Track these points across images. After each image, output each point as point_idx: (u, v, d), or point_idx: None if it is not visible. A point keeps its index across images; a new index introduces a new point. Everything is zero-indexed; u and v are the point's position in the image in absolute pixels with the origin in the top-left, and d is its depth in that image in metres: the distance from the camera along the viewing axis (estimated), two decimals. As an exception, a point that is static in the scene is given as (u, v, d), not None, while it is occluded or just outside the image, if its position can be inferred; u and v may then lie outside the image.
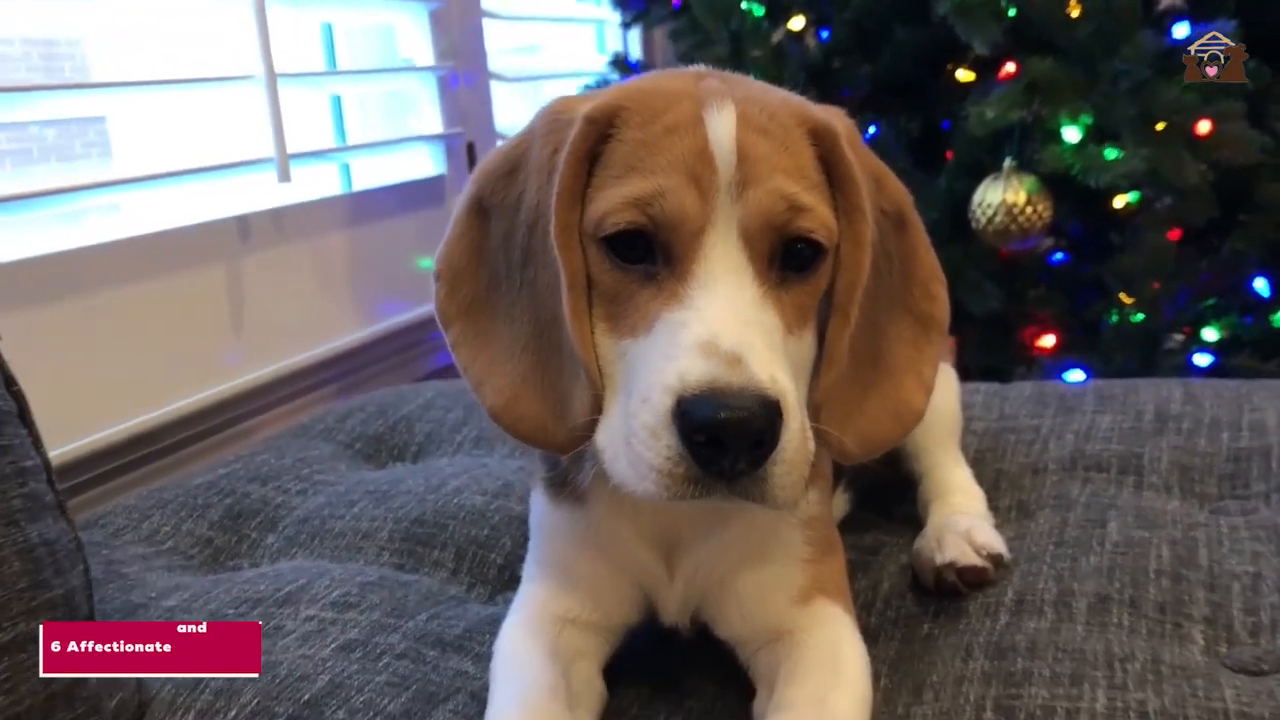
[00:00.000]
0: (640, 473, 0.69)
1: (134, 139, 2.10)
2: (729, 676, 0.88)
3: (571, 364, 0.75)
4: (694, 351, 0.68)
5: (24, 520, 0.84)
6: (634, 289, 0.74)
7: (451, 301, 0.82)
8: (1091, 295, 2.07)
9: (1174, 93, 1.85)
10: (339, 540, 1.21)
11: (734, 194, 0.72)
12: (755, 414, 0.66)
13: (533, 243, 0.77)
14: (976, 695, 0.83)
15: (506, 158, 0.82)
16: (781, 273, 0.75)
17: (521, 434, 0.79)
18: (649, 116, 0.76)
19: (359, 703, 0.88)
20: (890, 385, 0.82)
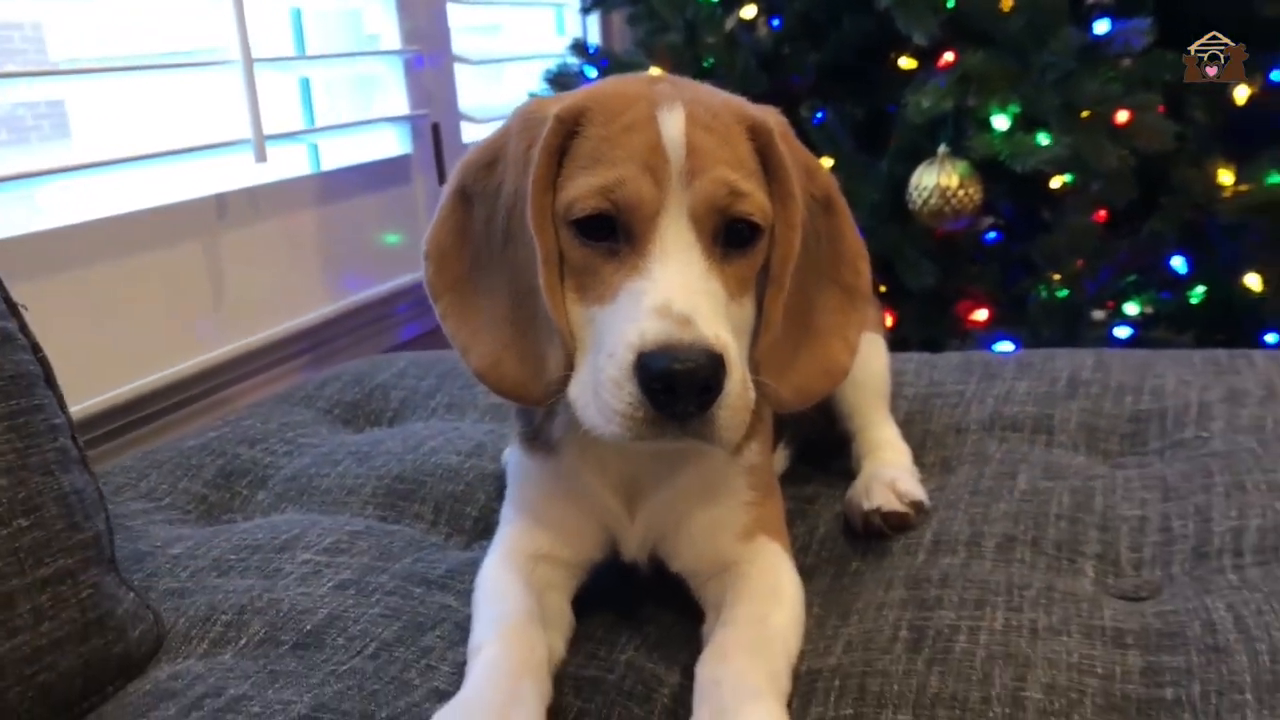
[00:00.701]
0: (607, 417, 0.81)
1: (93, 122, 2.16)
2: (682, 606, 1.00)
3: (547, 330, 0.87)
4: (651, 314, 0.80)
5: (57, 471, 0.95)
6: (600, 264, 0.85)
7: (439, 278, 0.93)
8: (1021, 272, 2.22)
9: (1096, 84, 1.99)
10: (326, 496, 1.32)
11: (684, 182, 0.84)
12: (703, 365, 0.78)
13: (511, 225, 0.89)
14: (894, 618, 0.96)
15: (486, 151, 0.93)
16: (725, 249, 0.87)
17: (504, 391, 0.90)
18: (610, 116, 0.87)
19: (356, 630, 0.99)
20: (820, 346, 0.95)
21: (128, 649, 0.96)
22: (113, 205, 1.85)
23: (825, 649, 0.93)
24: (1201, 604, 0.95)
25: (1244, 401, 1.36)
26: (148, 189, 1.93)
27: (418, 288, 2.71)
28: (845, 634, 0.95)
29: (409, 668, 0.94)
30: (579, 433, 0.93)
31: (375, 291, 2.48)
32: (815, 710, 0.86)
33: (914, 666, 0.88)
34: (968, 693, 0.85)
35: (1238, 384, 1.41)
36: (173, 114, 2.13)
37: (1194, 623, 0.92)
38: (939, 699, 0.84)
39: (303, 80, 2.39)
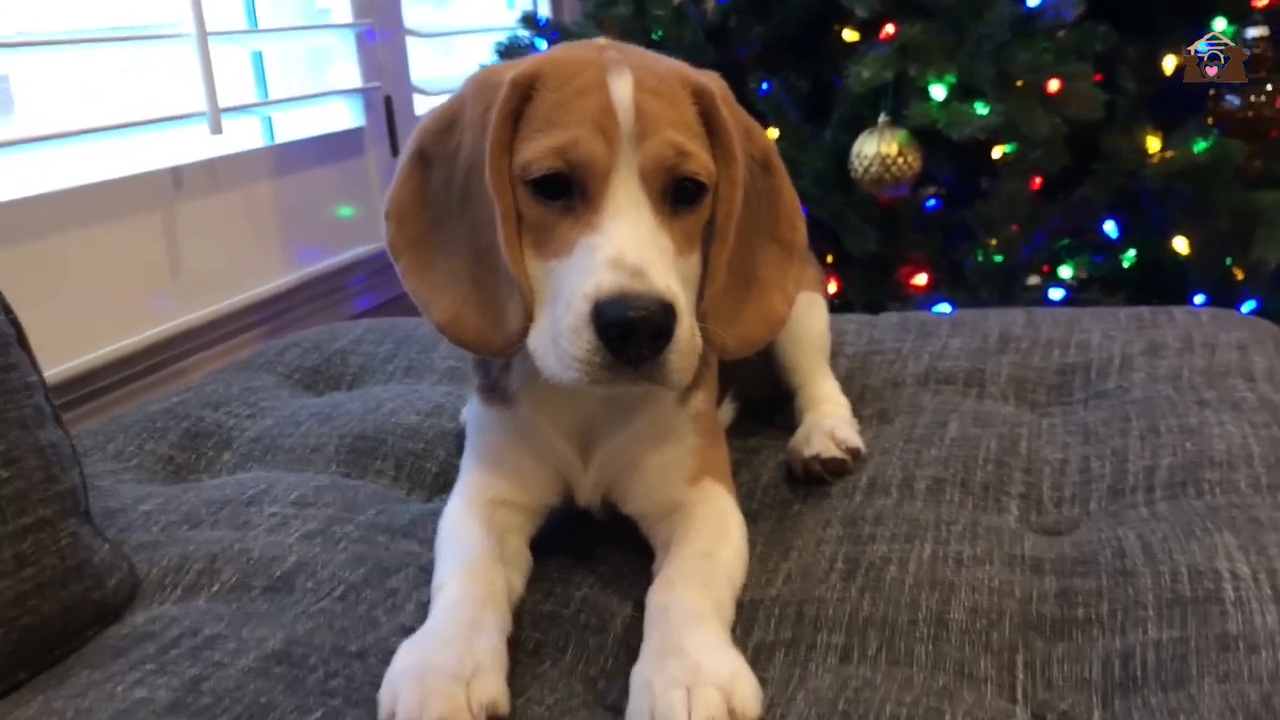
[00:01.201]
0: (566, 364, 0.87)
1: (39, 95, 2.17)
2: (632, 547, 1.06)
3: (506, 284, 0.92)
4: (606, 266, 0.85)
5: (33, 426, 0.99)
6: (555, 220, 0.91)
7: (400, 237, 0.98)
8: (960, 238, 2.30)
9: (1030, 54, 2.07)
10: (290, 454, 1.37)
11: (634, 143, 0.89)
12: (655, 312, 0.84)
13: (470, 186, 0.94)
14: (830, 552, 1.03)
15: (443, 116, 0.98)
16: (673, 206, 0.93)
17: (465, 343, 0.96)
18: (562, 81, 0.92)
19: (324, 575, 1.04)
20: (761, 297, 1.01)
21: (105, 596, 1.00)
22: (65, 178, 1.87)
23: (766, 581, 1.00)
24: (1114, 534, 1.02)
25: (1163, 354, 1.44)
26: (101, 162, 1.96)
27: (372, 259, 2.76)
28: (785, 568, 1.02)
29: (376, 607, 0.99)
30: (535, 384, 0.99)
31: (330, 263, 2.52)
32: (757, 634, 0.93)
33: (848, 594, 0.95)
34: (897, 615, 0.92)
35: (1158, 338, 1.49)
36: (126, 88, 2.15)
37: (1105, 550, 1.00)
38: (870, 621, 0.91)
39: (255, 54, 2.41)
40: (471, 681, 0.80)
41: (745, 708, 0.78)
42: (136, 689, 0.86)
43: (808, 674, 0.87)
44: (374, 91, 2.62)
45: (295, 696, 0.85)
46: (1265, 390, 1.30)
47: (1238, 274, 2.24)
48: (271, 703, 0.84)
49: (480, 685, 0.80)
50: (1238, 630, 0.84)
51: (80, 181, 1.87)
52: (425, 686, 0.79)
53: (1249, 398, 1.27)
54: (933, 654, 0.88)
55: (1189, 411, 1.25)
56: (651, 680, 0.81)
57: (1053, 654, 0.89)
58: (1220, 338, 1.47)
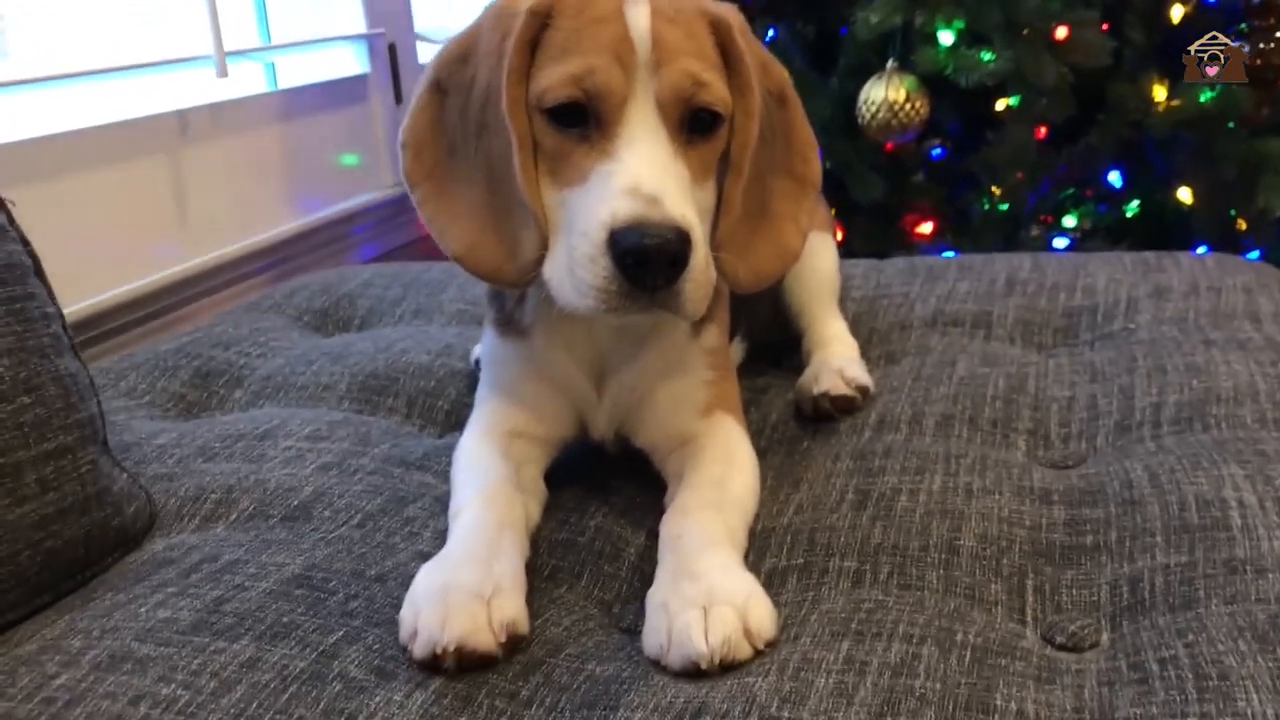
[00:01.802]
0: (582, 292, 0.87)
1: (43, 37, 2.15)
2: (645, 480, 1.08)
3: (521, 213, 0.92)
4: (622, 194, 0.85)
5: (53, 355, 0.99)
6: (571, 148, 0.91)
7: (417, 166, 0.98)
8: (965, 187, 2.30)
9: (1037, 1, 2.06)
10: (302, 392, 1.38)
11: (650, 72, 0.89)
12: (671, 240, 0.84)
13: (486, 115, 0.94)
14: (841, 484, 1.04)
15: (460, 46, 0.98)
16: (688, 135, 0.92)
17: (481, 272, 0.96)
18: (579, 10, 0.92)
19: (341, 504, 1.06)
20: (774, 230, 1.01)
21: (124, 523, 1.02)
22: (72, 120, 1.86)
23: (778, 511, 1.02)
24: (1121, 467, 1.04)
25: (1169, 296, 1.45)
26: (108, 104, 1.95)
27: (377, 207, 2.75)
28: (796, 499, 1.04)
29: (393, 534, 1.01)
30: (550, 316, 1.00)
31: (334, 210, 2.51)
32: (770, 561, 0.94)
33: (859, 522, 0.97)
34: (908, 542, 0.93)
35: (1164, 281, 1.50)
36: (132, 30, 2.13)
37: (1113, 482, 1.01)
38: (881, 548, 0.93)
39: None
40: (492, 601, 0.81)
41: (760, 626, 0.80)
42: (160, 610, 0.88)
43: (821, 597, 0.88)
44: (378, 38, 2.61)
45: (317, 617, 0.86)
46: (1271, 330, 1.31)
47: (1241, 224, 2.24)
48: (294, 622, 0.85)
49: (500, 604, 0.81)
50: (1245, 555, 0.86)
51: (87, 123, 1.86)
52: (447, 605, 0.80)
53: (1255, 338, 1.28)
54: (944, 578, 0.89)
55: (1195, 351, 1.26)
56: (667, 601, 0.82)
57: (1061, 579, 0.90)
58: (1226, 281, 1.48)
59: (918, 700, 0.73)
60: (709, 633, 0.78)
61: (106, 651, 0.82)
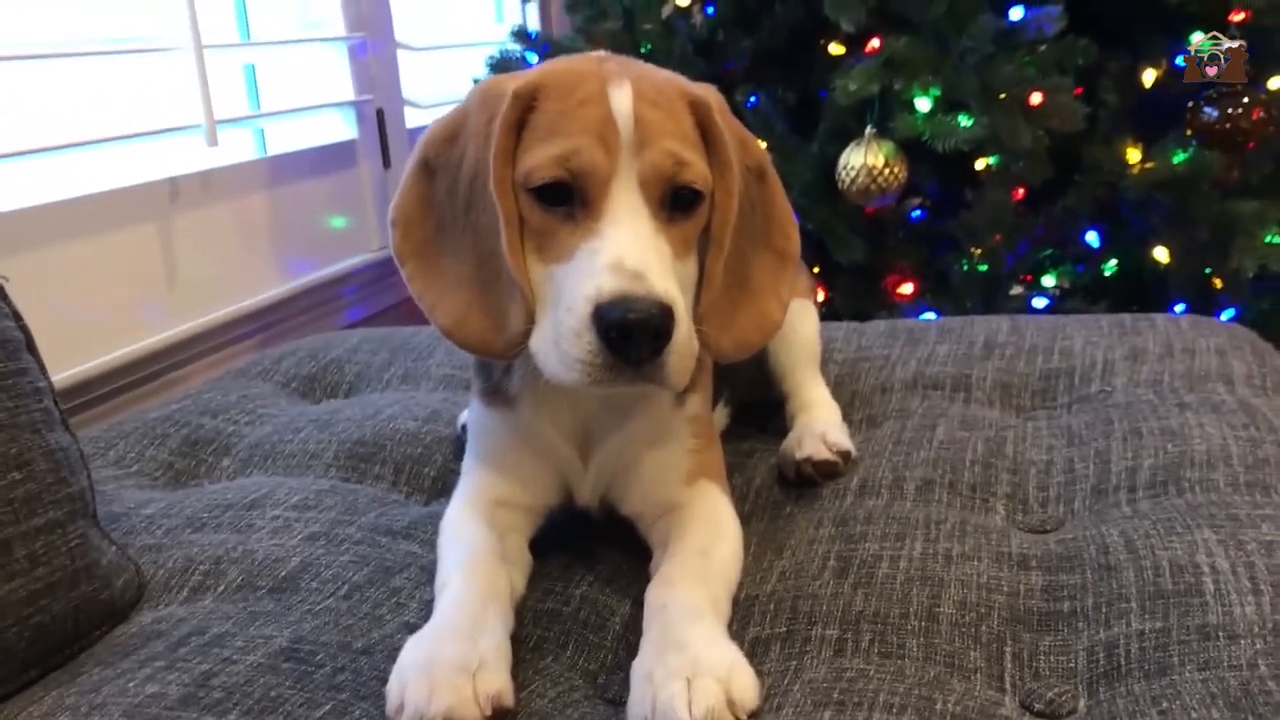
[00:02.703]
0: (568, 365, 0.89)
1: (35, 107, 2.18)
2: (630, 548, 1.09)
3: (509, 288, 0.95)
4: (606, 270, 0.88)
5: (44, 429, 1.01)
6: (557, 226, 0.93)
7: (406, 243, 1.00)
8: (945, 248, 2.33)
9: (1012, 68, 2.11)
10: (290, 460, 1.39)
11: (633, 152, 0.92)
12: (654, 315, 0.86)
13: (474, 194, 0.96)
14: (823, 551, 1.06)
15: (448, 126, 1.01)
16: (670, 213, 0.95)
17: (469, 346, 0.98)
18: (564, 92, 0.95)
19: (328, 575, 1.07)
20: (755, 302, 1.04)
21: (113, 596, 1.02)
22: (64, 189, 1.89)
23: (761, 579, 1.03)
24: (1098, 531, 1.05)
25: (1144, 359, 1.48)
26: (99, 173, 1.97)
27: (365, 270, 2.78)
28: (779, 566, 1.05)
29: (380, 605, 1.02)
30: (536, 386, 1.02)
31: (323, 274, 2.54)
32: (753, 630, 0.95)
33: (840, 589, 0.98)
34: (889, 610, 0.94)
35: (1139, 343, 1.53)
36: (122, 100, 2.16)
37: (1090, 547, 1.03)
38: (863, 616, 0.94)
39: (248, 66, 2.44)
40: (477, 674, 0.82)
41: (744, 697, 0.81)
42: (148, 685, 0.88)
43: (803, 666, 0.89)
44: (366, 104, 2.65)
45: (304, 691, 0.87)
46: (1244, 393, 1.34)
47: (1216, 283, 2.28)
48: (281, 697, 0.86)
49: (486, 678, 0.82)
50: (1218, 621, 0.87)
51: (79, 192, 1.88)
52: (433, 679, 0.81)
53: (1228, 400, 1.30)
54: (924, 646, 0.90)
55: (1170, 414, 1.28)
56: (652, 672, 0.83)
57: (1039, 645, 0.92)
58: (1200, 343, 1.50)
59: (898, 771, 0.74)
60: (693, 704, 0.79)
61: (94, 728, 0.83)
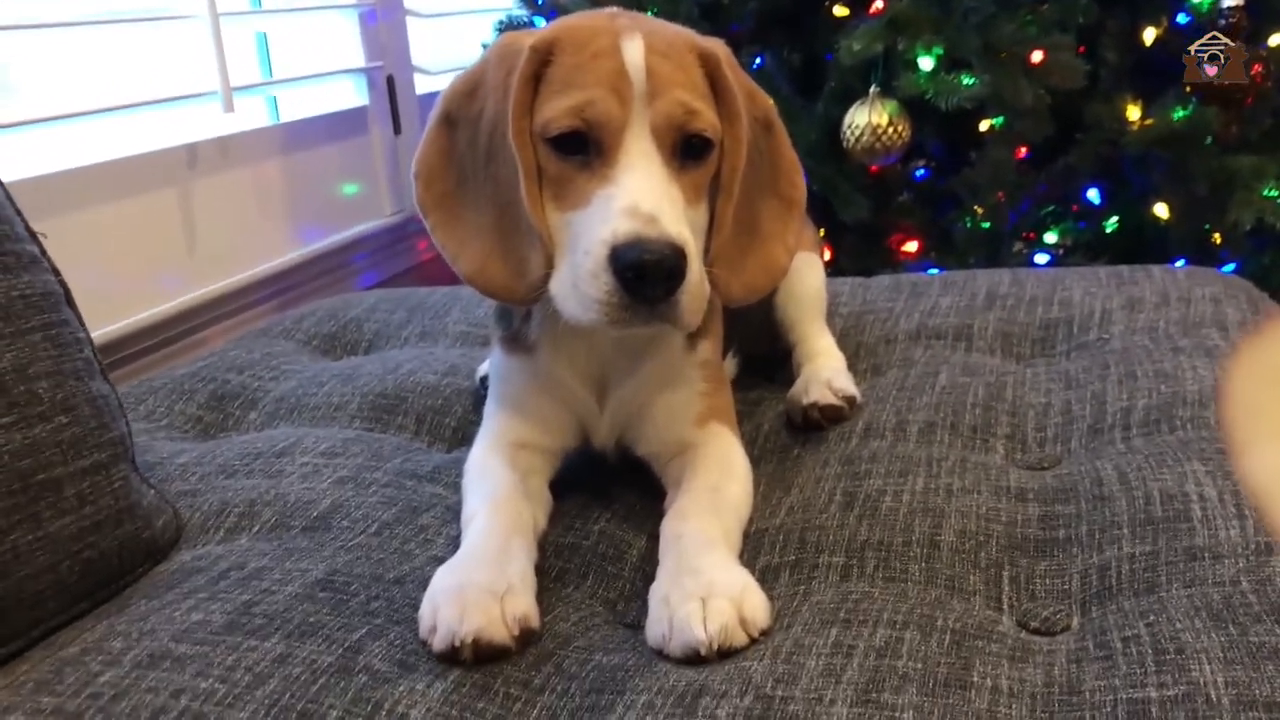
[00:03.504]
0: (586, 306, 0.94)
1: (59, 76, 2.22)
2: (645, 487, 1.14)
3: (529, 235, 0.99)
4: (621, 214, 0.92)
5: (85, 377, 1.06)
6: (573, 174, 0.98)
7: (428, 194, 1.05)
8: (948, 206, 2.37)
9: (1014, 26, 2.14)
10: (315, 412, 1.44)
11: (645, 102, 0.97)
12: (668, 255, 0.91)
13: (493, 145, 1.01)
14: (829, 487, 1.11)
15: (468, 81, 1.05)
16: (682, 160, 0.99)
17: (491, 291, 1.03)
18: (579, 46, 0.99)
19: (358, 515, 1.12)
20: (763, 248, 1.08)
21: (154, 535, 1.08)
22: (83, 156, 1.93)
23: (770, 513, 1.08)
24: (1092, 466, 1.10)
25: (1141, 308, 1.52)
26: (118, 140, 2.02)
27: (377, 235, 2.82)
28: (787, 502, 1.10)
29: (409, 541, 1.07)
30: (554, 333, 1.07)
31: (335, 240, 2.58)
32: (764, 558, 1.00)
33: (846, 521, 1.03)
34: (892, 538, 0.99)
35: (1136, 293, 1.57)
36: (140, 67, 2.20)
37: (1084, 480, 1.07)
38: (868, 544, 0.99)
39: (259, 34, 2.47)
40: (505, 597, 0.88)
41: (755, 616, 0.87)
42: (193, 613, 0.94)
43: (811, 590, 0.94)
44: (376, 71, 2.68)
45: (341, 617, 0.92)
46: (1238, 338, 1.38)
47: (1216, 238, 2.32)
48: (320, 622, 0.91)
49: (513, 601, 0.88)
50: (1204, 543, 0.92)
51: (100, 159, 1.93)
52: (463, 601, 0.86)
53: (1221, 345, 1.35)
54: (925, 571, 0.95)
55: (1164, 358, 1.33)
56: (668, 595, 0.89)
57: (1035, 569, 0.97)
58: (1195, 292, 1.54)
59: (900, 678, 0.79)
60: (707, 621, 0.85)
61: (146, 651, 0.88)
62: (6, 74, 2.18)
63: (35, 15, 1.94)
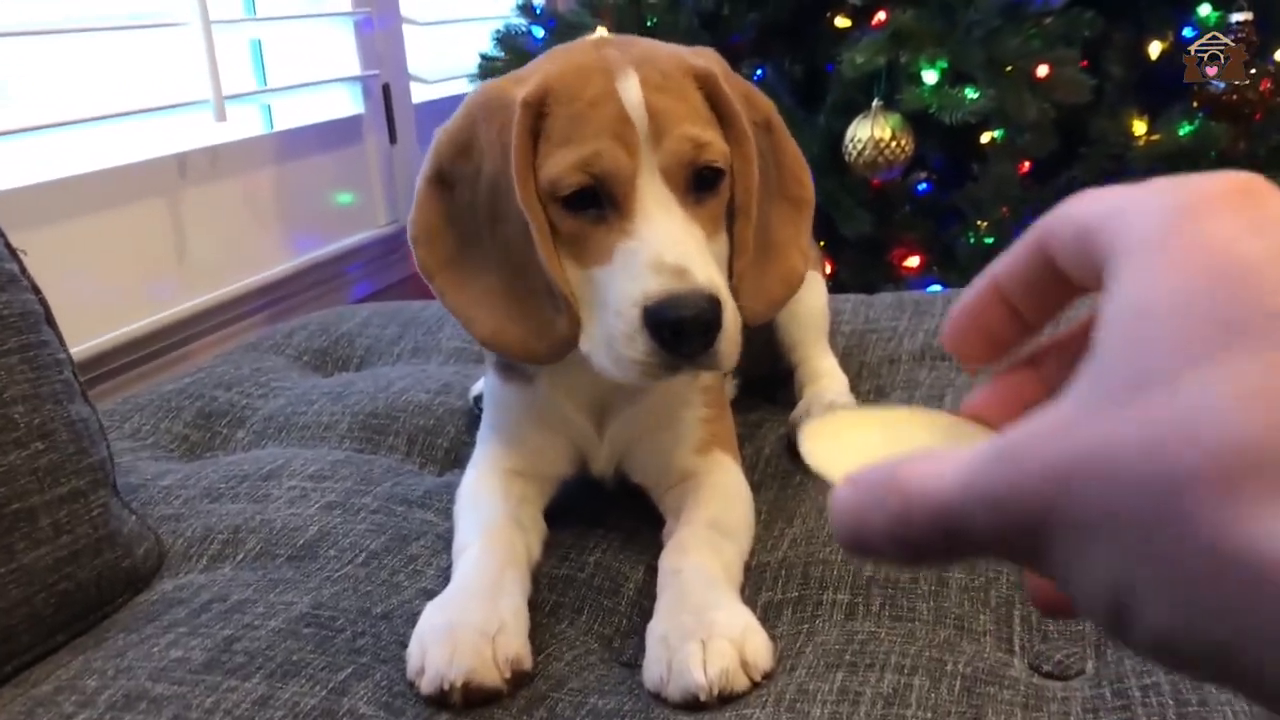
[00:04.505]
0: (624, 367, 0.90)
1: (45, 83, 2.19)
2: (642, 515, 1.10)
3: (549, 298, 0.94)
4: (648, 270, 0.88)
5: (64, 400, 1.02)
6: (589, 229, 0.93)
7: (431, 259, 1.00)
8: (951, 221, 2.34)
9: (1019, 40, 2.11)
10: (304, 432, 1.40)
11: (652, 145, 0.92)
12: (705, 310, 0.87)
13: (497, 206, 0.96)
14: (834, 518, 1.07)
15: (456, 137, 0.99)
16: (696, 194, 0.95)
17: (511, 354, 1.00)
18: (572, 94, 0.94)
19: (346, 543, 1.08)
20: (780, 258, 1.04)
21: (134, 564, 1.04)
22: (73, 165, 1.89)
23: (772, 546, 1.04)
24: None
25: (1150, 330, 1.49)
26: (108, 149, 1.98)
27: (370, 246, 2.80)
28: (790, 533, 1.06)
29: (398, 572, 1.03)
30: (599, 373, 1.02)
31: (329, 250, 2.55)
32: (765, 594, 0.97)
33: (851, 555, 0.99)
34: (898, 575, 0.96)
35: (1145, 314, 1.54)
36: (130, 75, 2.17)
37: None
38: (874, 581, 0.96)
39: (254, 41, 2.44)
40: (496, 637, 0.84)
41: (757, 658, 0.83)
42: (172, 649, 0.90)
43: (815, 629, 0.91)
44: (372, 79, 2.65)
45: (326, 655, 0.89)
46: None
47: (1222, 255, 2.28)
48: (303, 660, 0.88)
49: (505, 641, 0.84)
50: (1223, 584, 0.89)
51: (88, 168, 1.89)
52: (453, 641, 0.83)
53: (1233, 370, 1.31)
54: (934, 610, 0.92)
55: (1176, 383, 1.29)
56: (667, 635, 0.85)
57: (1048, 609, 0.93)
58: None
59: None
60: (707, 664, 0.81)
61: (121, 691, 0.84)
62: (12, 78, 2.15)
63: (23, 22, 1.91)
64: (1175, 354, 0.30)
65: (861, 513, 0.37)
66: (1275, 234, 0.31)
